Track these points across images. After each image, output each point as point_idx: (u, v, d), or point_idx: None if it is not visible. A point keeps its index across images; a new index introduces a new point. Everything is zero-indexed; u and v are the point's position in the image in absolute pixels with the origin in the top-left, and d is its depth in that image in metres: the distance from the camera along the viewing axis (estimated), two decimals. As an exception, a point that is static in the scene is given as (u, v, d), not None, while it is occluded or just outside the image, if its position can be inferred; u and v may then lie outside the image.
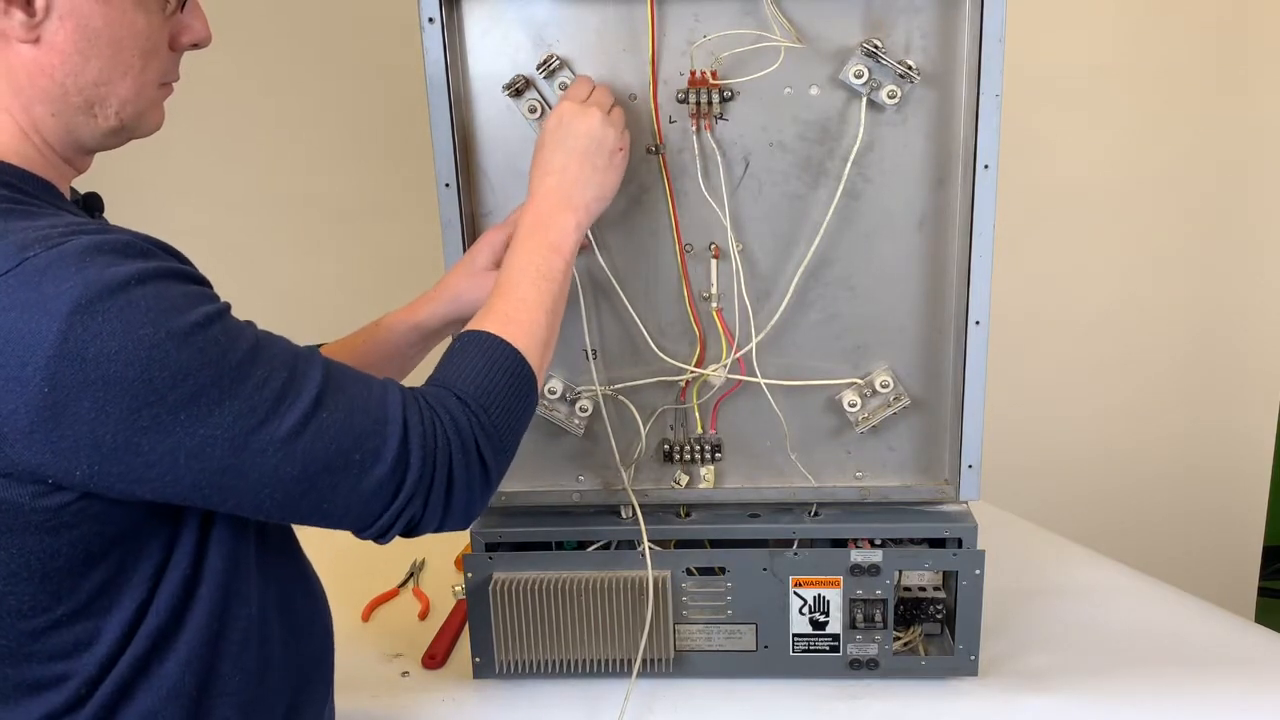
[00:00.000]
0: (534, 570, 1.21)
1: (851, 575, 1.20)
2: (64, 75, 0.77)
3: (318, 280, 2.09)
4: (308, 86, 2.00)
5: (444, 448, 0.82)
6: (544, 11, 1.10)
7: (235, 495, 0.75)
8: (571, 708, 1.22)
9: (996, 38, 1.06)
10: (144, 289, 0.70)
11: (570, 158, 1.02)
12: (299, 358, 0.78)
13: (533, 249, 0.98)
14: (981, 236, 1.12)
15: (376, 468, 0.79)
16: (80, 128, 0.80)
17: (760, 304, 1.17)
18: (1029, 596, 1.41)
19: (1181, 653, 1.30)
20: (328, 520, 0.80)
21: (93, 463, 0.70)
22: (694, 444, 1.22)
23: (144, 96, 0.82)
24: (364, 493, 0.79)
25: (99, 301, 0.68)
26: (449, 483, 0.83)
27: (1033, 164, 2.02)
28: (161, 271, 0.72)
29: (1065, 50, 2.04)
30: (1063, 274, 2.17)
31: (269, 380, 0.75)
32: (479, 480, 0.85)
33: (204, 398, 0.71)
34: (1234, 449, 2.27)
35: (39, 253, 0.68)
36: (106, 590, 0.78)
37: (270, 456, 0.74)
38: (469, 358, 0.89)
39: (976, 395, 1.16)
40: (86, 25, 0.77)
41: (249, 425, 0.73)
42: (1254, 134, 2.11)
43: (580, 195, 1.01)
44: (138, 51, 0.80)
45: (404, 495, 0.80)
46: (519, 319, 0.93)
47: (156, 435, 0.70)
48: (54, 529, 0.73)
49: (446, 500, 0.83)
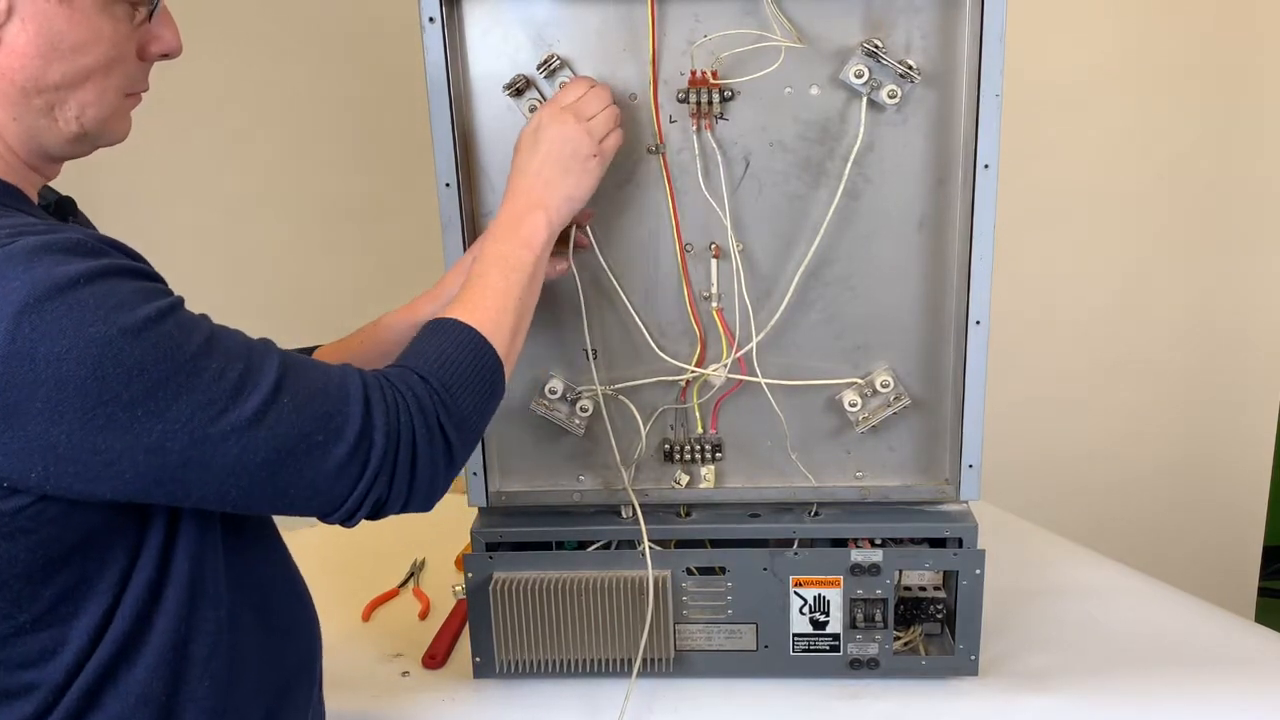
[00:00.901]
0: (534, 570, 1.21)
1: (852, 575, 1.20)
2: (24, 79, 0.76)
3: (318, 280, 2.09)
4: (308, 87, 2.00)
5: (407, 424, 0.82)
6: (544, 11, 1.10)
7: (199, 488, 0.75)
8: (571, 708, 1.22)
9: (997, 37, 1.06)
10: (92, 287, 0.69)
11: (545, 162, 1.02)
12: (254, 349, 0.78)
13: (503, 241, 0.99)
14: (981, 236, 1.12)
15: (339, 447, 0.78)
16: (42, 133, 0.79)
17: (760, 304, 1.17)
18: (1029, 596, 1.41)
19: (1181, 653, 1.30)
20: (294, 506, 0.80)
21: (48, 463, 0.69)
22: (694, 444, 1.22)
23: (106, 103, 0.81)
24: (328, 474, 0.79)
25: (46, 301, 0.67)
26: (413, 460, 0.82)
27: (1033, 164, 2.02)
28: (110, 269, 0.72)
29: (1065, 50, 2.04)
30: (1063, 274, 2.17)
31: (225, 371, 0.74)
32: (443, 458, 0.85)
33: (160, 392, 0.71)
34: (1234, 449, 2.27)
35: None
36: (70, 597, 0.77)
37: (232, 446, 0.74)
38: (433, 341, 0.90)
39: (976, 395, 1.16)
40: (49, 28, 0.76)
41: (208, 416, 0.73)
42: (1254, 134, 2.11)
43: (552, 196, 1.02)
44: (101, 57, 0.79)
45: (369, 474, 0.80)
46: (485, 305, 0.94)
47: (113, 433, 0.70)
48: (10, 534, 0.72)
49: (411, 478, 0.83)
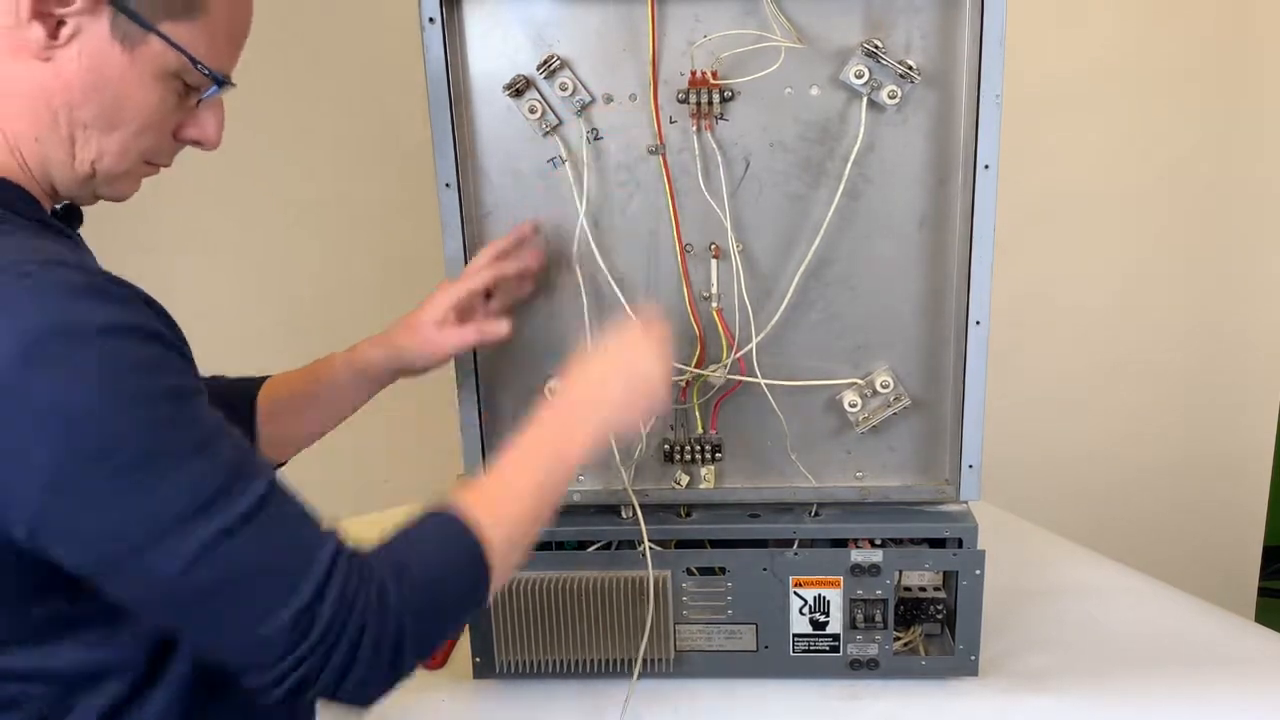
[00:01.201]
0: (534, 570, 1.20)
1: (851, 575, 1.20)
2: (60, 104, 0.76)
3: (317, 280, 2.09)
4: (307, 87, 2.00)
5: (358, 615, 0.74)
6: (544, 11, 1.10)
7: (131, 587, 0.70)
8: (571, 708, 1.22)
9: (997, 38, 1.06)
10: (106, 341, 0.66)
11: (620, 387, 0.96)
12: (247, 464, 0.73)
13: (542, 443, 0.92)
14: (981, 236, 1.12)
15: (282, 610, 0.71)
16: (55, 165, 0.78)
17: (760, 304, 1.17)
18: (1029, 596, 1.41)
19: (1181, 653, 1.30)
20: (216, 648, 0.74)
21: (7, 507, 0.66)
22: (694, 444, 1.22)
23: (124, 160, 0.80)
24: (258, 634, 0.71)
25: (54, 341, 0.64)
26: (354, 652, 0.74)
27: (1033, 164, 2.01)
28: (133, 327, 0.68)
29: (1065, 51, 2.04)
30: (1063, 274, 2.17)
31: (208, 476, 0.69)
32: (386, 664, 0.76)
33: (131, 475, 0.67)
34: (1234, 449, 2.27)
35: (6, 281, 0.66)
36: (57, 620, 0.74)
37: (181, 557, 0.68)
38: (433, 548, 0.81)
39: (976, 395, 1.16)
40: (101, 69, 0.75)
41: (167, 520, 0.68)
42: (1254, 133, 2.11)
43: (605, 417, 0.95)
44: (136, 119, 0.79)
45: (301, 651, 0.72)
46: (502, 523, 0.84)
47: (70, 502, 0.66)
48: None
49: (344, 674, 0.74)
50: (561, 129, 1.13)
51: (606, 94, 1.12)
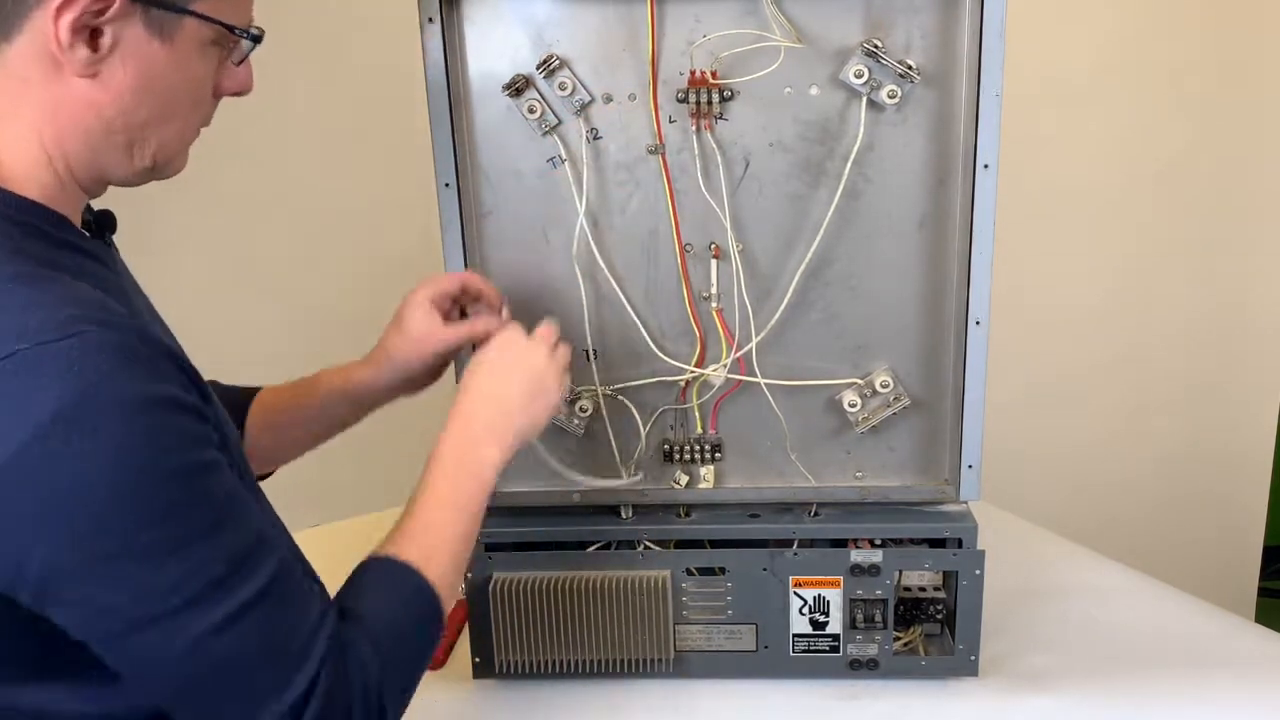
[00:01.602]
0: (534, 570, 1.20)
1: (851, 575, 1.20)
2: (114, 114, 0.75)
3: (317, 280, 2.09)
4: (307, 86, 2.00)
5: (344, 705, 0.75)
6: (544, 11, 1.10)
7: (129, 665, 0.70)
8: (571, 708, 1.22)
9: (996, 37, 1.06)
10: (130, 419, 0.65)
11: (510, 390, 0.98)
12: (256, 545, 0.73)
13: (454, 477, 0.93)
14: (981, 236, 1.12)
15: (275, 702, 0.72)
16: (113, 166, 0.78)
17: (760, 304, 1.17)
18: (1029, 596, 1.41)
19: (1181, 653, 1.30)
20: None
21: (13, 578, 0.66)
22: (694, 444, 1.22)
23: (183, 141, 0.82)
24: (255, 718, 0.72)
25: (74, 417, 0.63)
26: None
27: (1033, 164, 2.01)
28: (157, 399, 0.67)
29: (1065, 50, 2.04)
30: (1063, 274, 2.17)
31: (216, 559, 0.69)
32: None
33: (149, 555, 0.66)
34: (1234, 449, 2.27)
35: (33, 345, 0.64)
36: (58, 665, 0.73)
37: (180, 644, 0.68)
38: (388, 595, 0.83)
39: (976, 395, 1.16)
40: (148, 69, 0.75)
41: (174, 603, 0.68)
42: (1254, 133, 2.11)
43: (510, 429, 0.97)
44: (190, 98, 0.80)
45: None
46: (439, 554, 0.87)
47: (78, 578, 0.66)
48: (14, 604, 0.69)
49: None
50: (561, 129, 1.13)
51: (606, 93, 1.12)
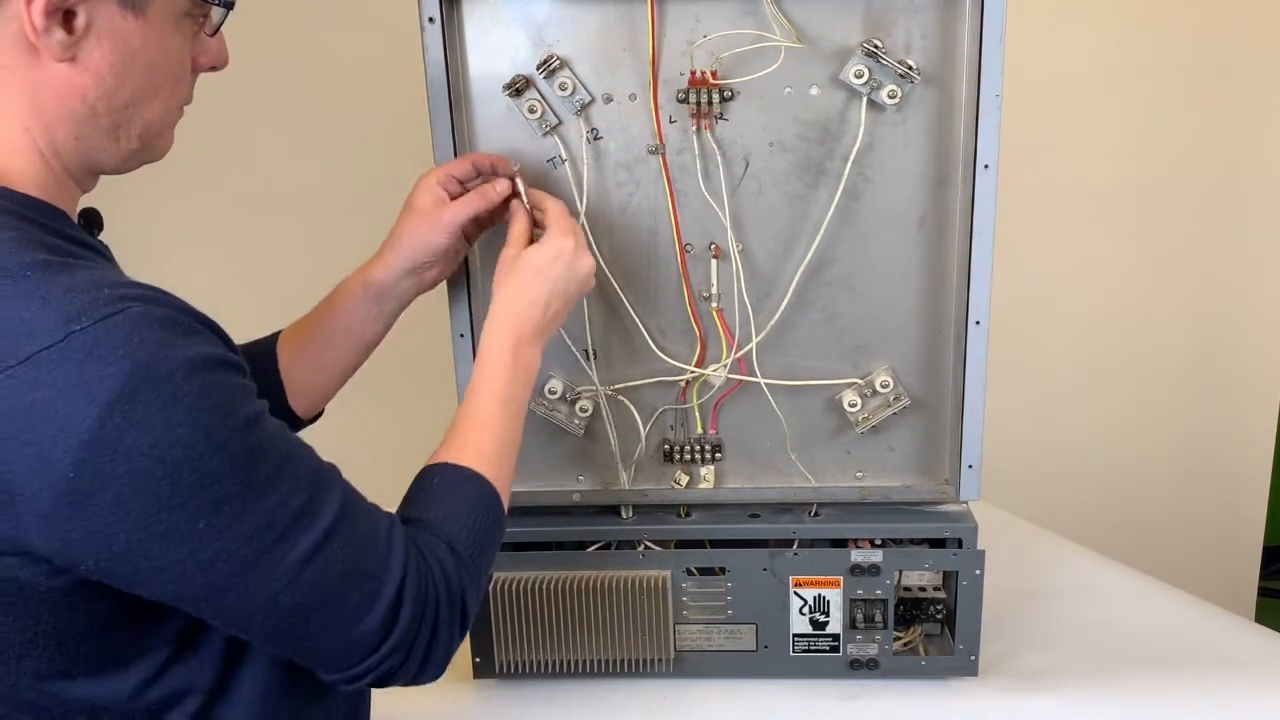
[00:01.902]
0: (534, 570, 1.20)
1: (851, 575, 1.20)
2: (96, 97, 0.75)
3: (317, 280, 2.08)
4: (307, 86, 2.00)
5: (433, 603, 0.80)
6: (544, 11, 1.10)
7: (228, 613, 0.73)
8: (571, 708, 1.22)
9: (996, 37, 1.06)
10: (190, 382, 0.67)
11: (556, 298, 1.00)
12: (320, 477, 0.76)
13: (507, 379, 0.96)
14: (981, 236, 1.12)
15: (371, 615, 0.76)
16: (101, 151, 0.78)
17: (760, 304, 1.17)
18: (1029, 596, 1.41)
19: (1181, 653, 1.30)
20: (306, 657, 0.77)
21: (100, 559, 0.67)
22: (694, 444, 1.22)
23: (168, 120, 0.82)
24: (351, 638, 0.76)
25: (143, 391, 0.65)
26: (432, 636, 0.80)
27: (1033, 164, 2.01)
28: (210, 360, 0.69)
29: (1065, 50, 2.04)
30: (1063, 274, 2.17)
31: (291, 497, 0.72)
32: (458, 631, 0.83)
33: (226, 508, 0.69)
34: (1234, 449, 2.27)
35: (86, 326, 0.65)
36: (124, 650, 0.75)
37: (276, 581, 0.71)
38: (456, 500, 0.87)
39: (976, 395, 1.16)
40: (125, 46, 0.75)
41: (264, 544, 0.70)
42: (1254, 133, 2.11)
43: (549, 329, 1.01)
44: (170, 74, 0.79)
45: (387, 647, 0.77)
46: (497, 456, 0.92)
47: (171, 542, 0.68)
48: (69, 605, 0.71)
49: (426, 656, 0.80)
50: (561, 129, 1.13)
51: (606, 94, 1.12)
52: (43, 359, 0.64)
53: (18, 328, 0.65)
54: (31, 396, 0.64)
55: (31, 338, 0.64)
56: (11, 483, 0.65)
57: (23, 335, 0.65)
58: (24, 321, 0.65)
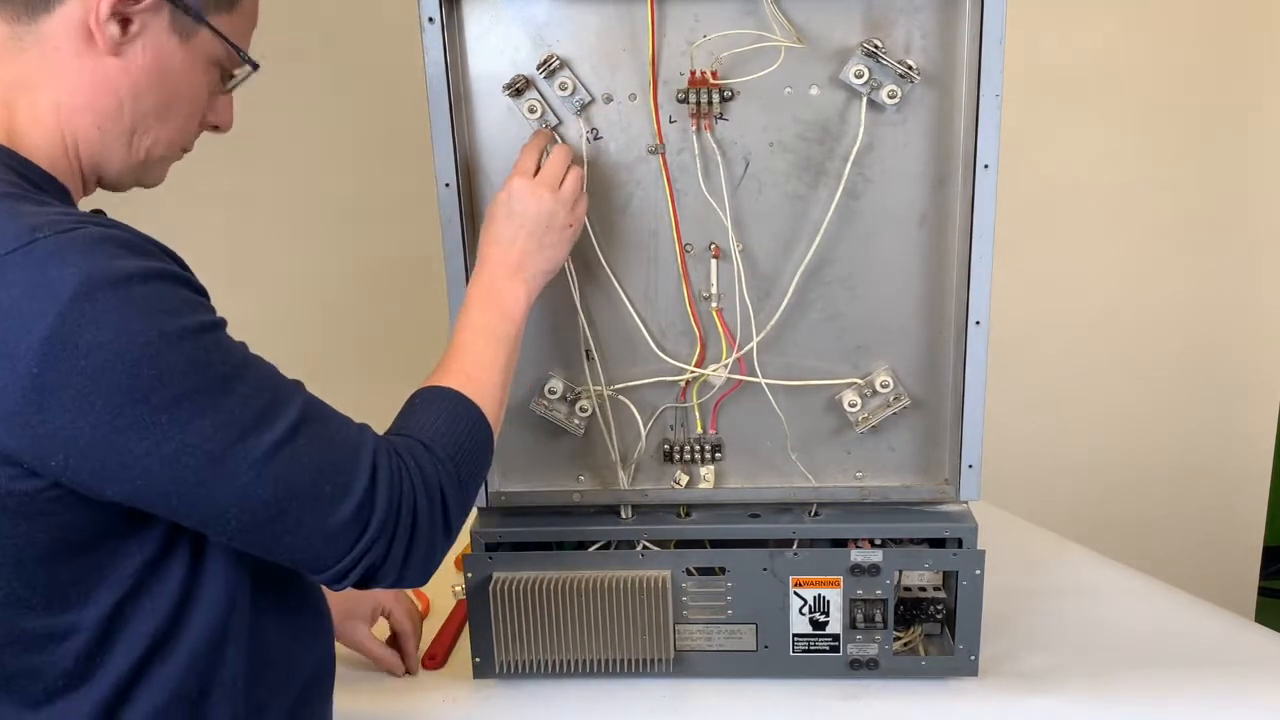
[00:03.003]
0: (534, 570, 1.20)
1: (851, 575, 1.20)
2: (126, 96, 0.81)
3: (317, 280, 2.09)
4: (307, 86, 2.00)
5: (409, 494, 0.82)
6: (544, 11, 1.10)
7: (201, 510, 0.75)
8: (571, 708, 1.22)
9: (996, 38, 1.06)
10: (145, 287, 0.71)
11: (519, 233, 1.04)
12: (282, 384, 0.80)
13: (486, 311, 1.00)
14: (981, 236, 1.12)
15: (344, 504, 0.79)
16: (112, 152, 0.83)
17: (760, 304, 1.17)
18: (1029, 596, 1.41)
19: (1181, 653, 1.30)
20: (287, 553, 0.80)
21: (68, 455, 0.70)
22: (694, 444, 1.22)
23: (173, 147, 0.87)
24: (328, 529, 0.79)
25: (100, 290, 0.68)
26: (412, 530, 0.82)
27: (1033, 164, 2.01)
28: (164, 273, 0.73)
29: (1065, 50, 2.04)
30: (1063, 274, 2.17)
31: (252, 397, 0.75)
32: (440, 530, 0.85)
33: (187, 403, 0.72)
34: (1234, 449, 2.27)
35: (48, 235, 0.70)
36: (82, 582, 0.77)
37: (243, 475, 0.74)
38: (433, 411, 0.90)
39: (976, 395, 1.16)
40: (164, 61, 0.82)
41: (228, 438, 0.73)
42: (1254, 134, 2.11)
43: (529, 267, 1.04)
44: (188, 107, 0.86)
45: (367, 538, 0.80)
46: (478, 377, 0.95)
47: (134, 435, 0.70)
48: (30, 515, 0.73)
49: (408, 548, 0.83)
50: (561, 129, 1.13)
51: (606, 94, 1.12)
52: (8, 260, 0.69)
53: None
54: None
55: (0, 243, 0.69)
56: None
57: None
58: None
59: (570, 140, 1.13)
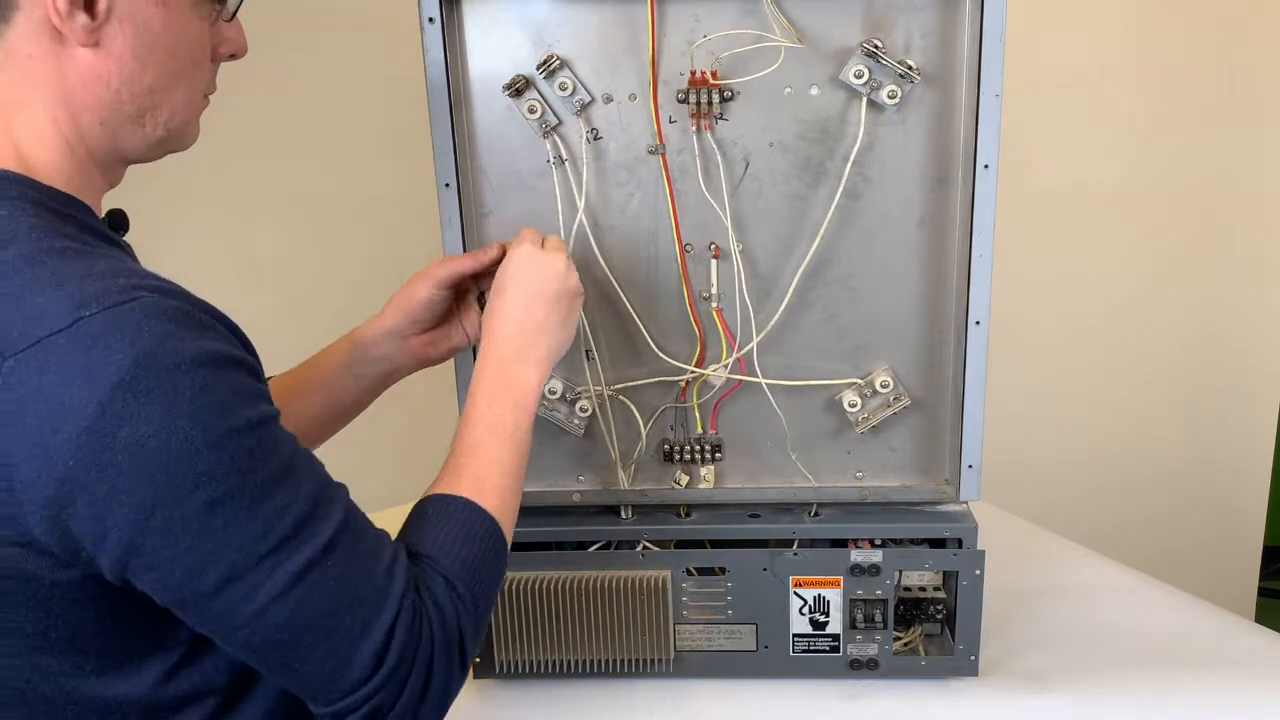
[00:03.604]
0: (534, 570, 1.20)
1: (851, 575, 1.20)
2: (120, 82, 0.75)
3: (317, 280, 2.09)
4: (307, 86, 2.00)
5: (426, 641, 0.77)
6: (544, 11, 1.10)
7: (213, 621, 0.71)
8: (571, 708, 1.22)
9: (996, 37, 1.06)
10: (196, 375, 0.66)
11: (535, 302, 0.97)
12: (325, 490, 0.74)
13: (497, 404, 0.93)
14: (981, 236, 1.12)
15: (362, 643, 0.73)
16: (127, 138, 0.78)
17: (760, 304, 1.17)
18: (1029, 596, 1.41)
19: (1181, 653, 1.30)
20: (293, 682, 0.75)
21: (95, 551, 0.67)
22: (694, 444, 1.22)
23: (193, 106, 0.82)
24: (338, 664, 0.73)
25: (145, 378, 0.64)
26: (427, 678, 0.77)
27: (1033, 164, 2.02)
28: (218, 357, 0.68)
29: (1065, 50, 2.04)
30: (1063, 274, 2.17)
31: (289, 508, 0.70)
32: (457, 672, 0.80)
33: (220, 510, 0.67)
34: (1234, 449, 2.27)
35: (95, 313, 0.64)
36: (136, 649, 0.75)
37: (263, 594, 0.69)
38: (453, 531, 0.84)
39: (976, 395, 1.16)
40: (146, 29, 0.75)
41: (256, 553, 0.69)
42: (1254, 134, 2.11)
43: (544, 344, 0.97)
44: (191, 59, 0.79)
45: (376, 681, 0.74)
46: (494, 484, 0.88)
47: (160, 538, 0.66)
48: (76, 600, 0.70)
49: (422, 694, 0.77)
50: (561, 129, 1.13)
51: (606, 94, 1.12)
52: (50, 344, 0.64)
53: (30, 312, 0.65)
54: (37, 381, 0.64)
55: (41, 322, 0.64)
56: (13, 470, 0.64)
57: (34, 320, 0.65)
58: (36, 306, 0.65)
59: (570, 141, 1.13)
